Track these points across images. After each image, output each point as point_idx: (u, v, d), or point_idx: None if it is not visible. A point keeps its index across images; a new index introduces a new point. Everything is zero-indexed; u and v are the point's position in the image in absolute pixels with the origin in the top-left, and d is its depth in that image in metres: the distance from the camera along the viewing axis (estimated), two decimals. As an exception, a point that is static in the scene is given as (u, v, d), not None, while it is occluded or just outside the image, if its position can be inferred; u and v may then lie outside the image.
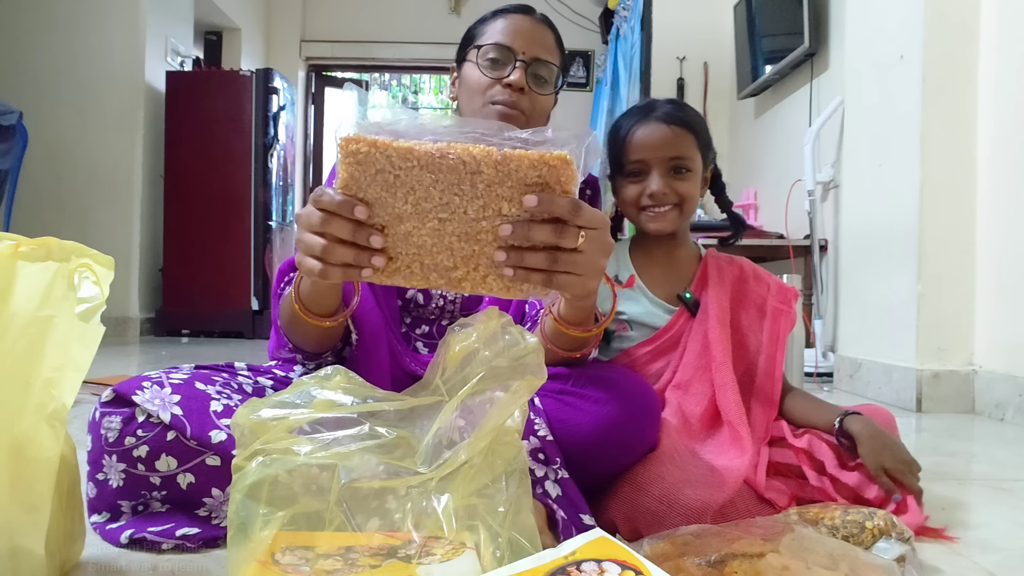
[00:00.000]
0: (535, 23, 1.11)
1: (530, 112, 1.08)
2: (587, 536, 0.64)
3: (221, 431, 0.90)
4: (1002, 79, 2.11)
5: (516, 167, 0.69)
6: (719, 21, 4.17)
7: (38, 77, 4.10)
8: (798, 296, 1.26)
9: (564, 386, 0.97)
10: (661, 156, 1.17)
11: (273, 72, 4.60)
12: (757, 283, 1.25)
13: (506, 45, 1.07)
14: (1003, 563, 0.91)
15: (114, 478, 0.90)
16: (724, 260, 1.26)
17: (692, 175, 1.18)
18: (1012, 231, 2.05)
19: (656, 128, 1.17)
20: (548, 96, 1.11)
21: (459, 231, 0.72)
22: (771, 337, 1.21)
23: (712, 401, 1.12)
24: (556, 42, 1.13)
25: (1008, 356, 2.06)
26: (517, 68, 1.06)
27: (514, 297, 0.74)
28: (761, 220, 3.64)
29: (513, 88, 1.06)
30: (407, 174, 0.70)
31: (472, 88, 1.09)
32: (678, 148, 1.16)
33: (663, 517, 0.91)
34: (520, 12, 1.11)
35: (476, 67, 1.08)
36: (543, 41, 1.10)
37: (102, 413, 0.90)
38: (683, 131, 1.17)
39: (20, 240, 0.74)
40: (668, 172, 1.17)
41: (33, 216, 3.75)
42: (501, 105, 1.06)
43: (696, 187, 1.19)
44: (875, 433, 1.06)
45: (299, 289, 0.87)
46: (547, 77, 1.10)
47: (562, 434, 0.93)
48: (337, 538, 0.64)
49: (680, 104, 1.23)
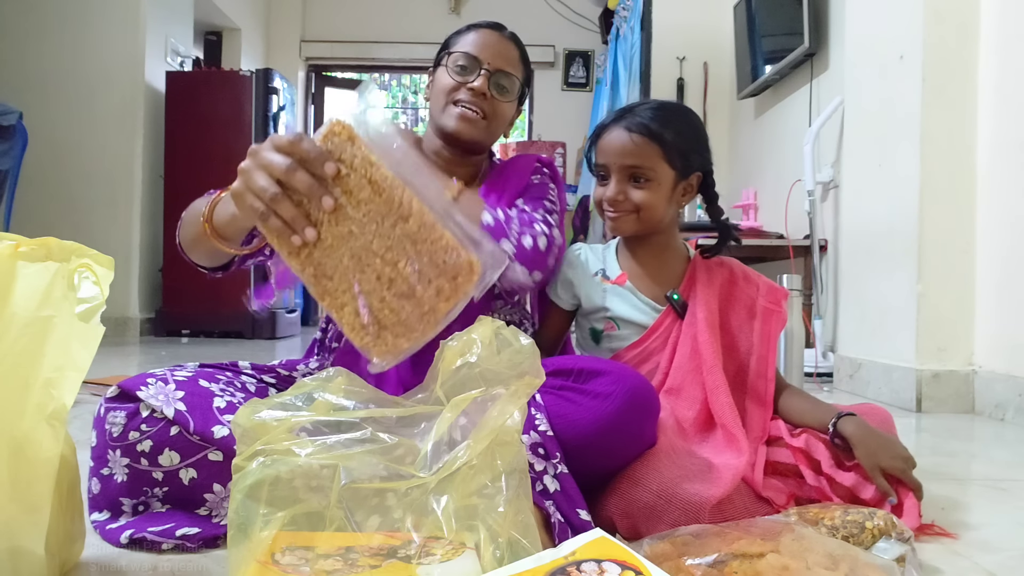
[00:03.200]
0: (502, 39, 1.23)
1: (491, 116, 1.20)
2: (587, 536, 0.64)
3: (224, 426, 0.91)
4: (1002, 79, 2.11)
5: (433, 239, 0.74)
6: (719, 21, 4.17)
7: (38, 77, 4.10)
8: (788, 296, 1.25)
9: (565, 382, 0.99)
10: (619, 163, 1.18)
11: (273, 72, 4.60)
12: (746, 284, 1.25)
13: (474, 55, 1.20)
14: (1003, 563, 0.91)
15: (118, 473, 0.91)
16: (714, 262, 1.27)
17: (653, 184, 1.17)
18: (1012, 231, 2.05)
19: (618, 135, 1.18)
20: (509, 103, 1.23)
21: (357, 252, 0.75)
22: (762, 338, 1.20)
23: (705, 405, 1.12)
24: (520, 58, 1.25)
25: (1008, 356, 2.06)
26: (481, 76, 1.19)
27: (351, 339, 0.77)
28: (761, 220, 3.64)
29: (475, 92, 1.18)
30: (355, 178, 0.74)
31: (440, 89, 1.21)
32: (636, 157, 1.17)
33: (660, 512, 0.91)
34: (491, 28, 1.24)
35: (446, 71, 1.20)
36: (508, 55, 1.22)
37: (107, 408, 0.92)
38: (645, 141, 1.16)
39: (20, 240, 0.74)
40: (626, 179, 1.18)
41: (33, 216, 3.74)
42: (463, 106, 1.18)
43: (657, 196, 1.18)
44: (869, 434, 1.05)
45: (213, 212, 0.88)
46: (508, 87, 1.22)
47: (562, 429, 0.94)
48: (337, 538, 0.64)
49: (663, 110, 1.20)
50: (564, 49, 6.33)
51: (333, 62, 6.48)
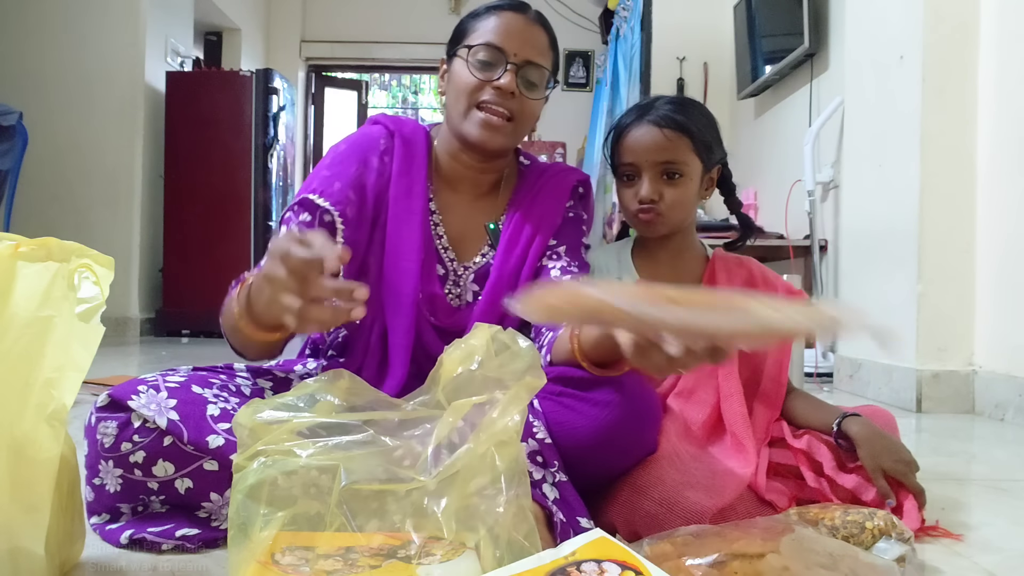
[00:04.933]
0: (528, 23, 1.07)
1: (518, 115, 1.05)
2: (587, 536, 0.64)
3: (219, 436, 0.88)
4: (1002, 79, 2.11)
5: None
6: (719, 21, 4.17)
7: (38, 77, 4.09)
8: (806, 300, 1.23)
9: (564, 388, 0.96)
10: (652, 160, 1.14)
11: (273, 72, 4.59)
12: (766, 286, 1.22)
13: (497, 46, 1.03)
14: (1003, 563, 0.91)
15: (111, 483, 0.89)
16: (733, 261, 1.25)
17: (685, 180, 1.15)
18: (1012, 231, 2.05)
19: (648, 131, 1.15)
20: (538, 100, 1.08)
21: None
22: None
23: (715, 409, 1.11)
24: (550, 43, 1.09)
25: (1008, 356, 2.06)
26: (508, 71, 1.03)
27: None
28: (761, 220, 3.64)
29: (503, 92, 1.03)
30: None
31: (460, 88, 1.05)
32: (669, 152, 1.14)
33: (663, 520, 0.91)
34: (514, 10, 1.07)
35: (466, 66, 1.05)
36: (536, 43, 1.06)
37: (98, 418, 0.89)
38: (676, 134, 1.14)
39: (20, 240, 0.74)
40: (659, 176, 1.15)
41: (33, 216, 3.74)
42: (487, 111, 1.04)
43: (689, 192, 1.16)
44: (873, 435, 1.05)
45: (249, 300, 0.80)
46: (537, 81, 1.06)
47: (560, 436, 0.92)
48: (337, 539, 0.64)
49: (682, 103, 1.19)
50: (564, 49, 6.33)
51: (333, 62, 6.48)
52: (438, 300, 1.10)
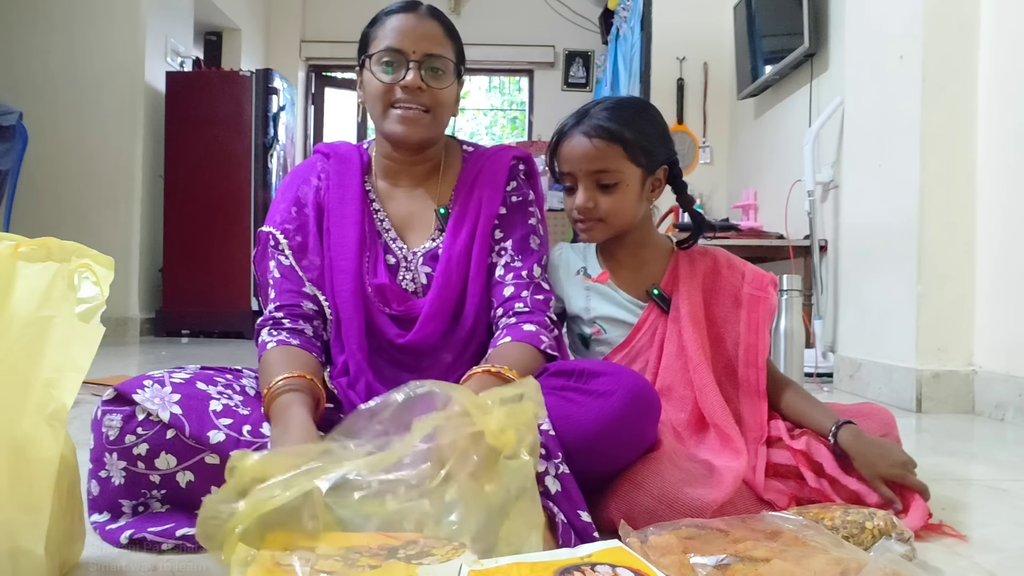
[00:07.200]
0: (421, 19, 1.12)
1: (433, 106, 1.11)
2: (605, 543, 0.65)
3: (220, 431, 0.91)
4: (1002, 79, 2.11)
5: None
6: (719, 21, 4.17)
7: (38, 77, 4.09)
8: (775, 282, 1.21)
9: (566, 382, 0.98)
10: (584, 169, 1.15)
11: (273, 72, 4.59)
12: (730, 272, 1.21)
13: (396, 48, 1.10)
14: (1003, 563, 0.91)
15: (116, 476, 0.91)
16: (697, 252, 1.24)
17: (620, 187, 1.15)
18: (1012, 231, 2.05)
19: (579, 141, 1.15)
20: (449, 87, 1.13)
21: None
22: (749, 326, 1.17)
23: (696, 405, 1.11)
24: (446, 33, 1.14)
25: (1008, 356, 2.06)
26: (411, 69, 1.09)
27: None
28: (761, 220, 3.64)
29: (410, 89, 1.09)
30: None
31: (373, 93, 1.12)
32: (600, 162, 1.14)
33: (662, 516, 0.91)
34: (405, 11, 1.13)
35: (372, 73, 1.11)
36: (432, 36, 1.12)
37: (104, 411, 0.92)
38: (606, 144, 1.13)
39: (20, 240, 0.74)
40: (593, 185, 1.16)
41: (33, 216, 3.74)
42: (402, 107, 1.10)
43: (627, 198, 1.16)
44: (865, 446, 1.05)
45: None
46: (443, 69, 1.12)
47: (563, 429, 0.93)
48: (337, 538, 0.64)
49: (619, 108, 1.17)
50: (564, 49, 6.33)
51: (333, 62, 6.48)
52: (388, 290, 1.14)
